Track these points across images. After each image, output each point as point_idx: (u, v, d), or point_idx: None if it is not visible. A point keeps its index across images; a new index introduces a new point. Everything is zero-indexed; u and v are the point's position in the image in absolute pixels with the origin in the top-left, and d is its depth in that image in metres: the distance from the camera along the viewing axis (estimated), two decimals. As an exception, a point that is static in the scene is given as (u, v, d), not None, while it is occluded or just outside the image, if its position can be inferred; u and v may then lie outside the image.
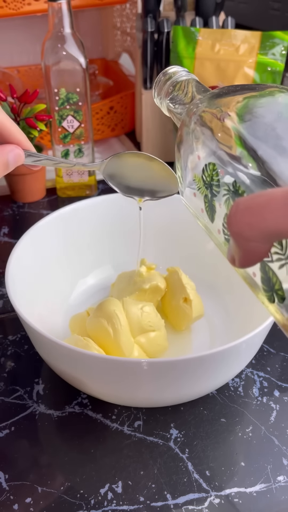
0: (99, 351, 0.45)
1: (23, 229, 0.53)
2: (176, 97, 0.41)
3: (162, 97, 0.43)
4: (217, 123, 0.33)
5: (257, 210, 0.23)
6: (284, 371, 0.51)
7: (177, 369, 0.41)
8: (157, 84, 0.43)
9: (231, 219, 0.24)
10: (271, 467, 0.43)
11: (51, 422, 0.46)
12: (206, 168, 0.34)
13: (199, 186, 0.35)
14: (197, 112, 0.36)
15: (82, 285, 0.60)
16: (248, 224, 0.23)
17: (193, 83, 0.41)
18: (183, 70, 0.42)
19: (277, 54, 0.71)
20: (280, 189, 0.23)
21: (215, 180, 0.33)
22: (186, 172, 0.37)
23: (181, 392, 0.44)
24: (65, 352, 0.42)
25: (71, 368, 0.44)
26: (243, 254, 0.25)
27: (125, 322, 0.48)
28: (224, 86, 0.36)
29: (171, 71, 0.43)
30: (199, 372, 0.42)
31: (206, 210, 0.35)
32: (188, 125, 0.37)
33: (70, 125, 0.72)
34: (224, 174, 0.32)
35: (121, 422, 0.46)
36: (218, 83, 0.73)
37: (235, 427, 0.46)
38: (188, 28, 0.74)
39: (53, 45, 0.67)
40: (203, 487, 0.41)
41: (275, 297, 0.28)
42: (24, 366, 0.52)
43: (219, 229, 0.35)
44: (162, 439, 0.45)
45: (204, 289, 0.56)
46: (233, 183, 0.31)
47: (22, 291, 0.48)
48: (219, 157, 0.32)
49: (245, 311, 0.53)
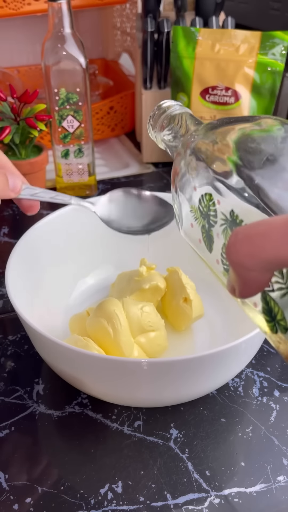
0: (99, 351, 0.45)
1: (23, 229, 0.53)
2: (171, 130, 0.42)
3: (157, 130, 0.43)
4: (212, 154, 0.33)
5: (256, 239, 0.23)
6: (284, 371, 0.51)
7: (177, 369, 0.41)
8: (151, 118, 0.44)
9: (230, 248, 0.24)
10: (271, 467, 0.43)
11: (51, 422, 0.46)
12: (202, 198, 0.34)
13: (196, 216, 0.35)
14: (193, 143, 0.36)
15: (82, 285, 0.60)
16: (248, 253, 0.23)
17: (187, 116, 0.41)
18: (176, 104, 0.43)
19: (277, 54, 0.71)
20: (279, 218, 0.23)
21: (212, 211, 0.33)
22: (183, 203, 0.37)
23: (181, 392, 0.44)
24: (65, 352, 0.42)
25: (71, 368, 0.44)
26: (243, 284, 0.25)
27: (125, 322, 0.48)
28: (219, 118, 0.37)
29: (165, 105, 0.43)
30: (199, 372, 0.42)
31: (204, 240, 0.35)
32: (184, 157, 0.37)
33: (70, 125, 0.72)
34: (221, 204, 0.32)
35: (121, 422, 0.46)
36: (218, 83, 0.73)
37: (235, 427, 0.46)
38: (188, 28, 0.74)
39: (53, 45, 0.67)
40: (203, 487, 0.41)
41: (277, 327, 0.27)
42: (24, 366, 0.52)
43: (217, 259, 0.34)
44: (162, 439, 0.45)
45: (204, 289, 0.56)
46: (230, 213, 0.31)
47: (22, 291, 0.48)
48: (215, 187, 0.32)
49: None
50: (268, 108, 0.74)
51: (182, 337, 0.54)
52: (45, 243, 0.55)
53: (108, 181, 0.84)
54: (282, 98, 0.95)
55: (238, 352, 0.43)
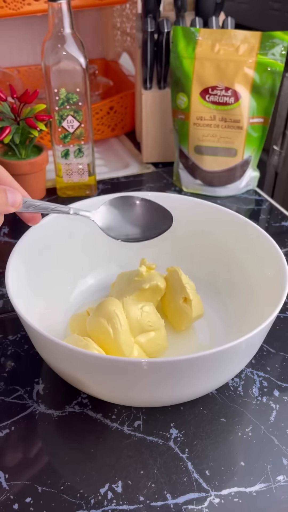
0: (99, 350, 0.45)
1: (23, 229, 0.53)
2: None
3: None
4: None
5: None
6: (284, 371, 0.51)
7: (177, 369, 0.41)
8: None
9: None
10: (270, 466, 0.43)
11: (51, 422, 0.46)
12: None
13: None
14: None
15: (82, 285, 0.60)
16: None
17: None
18: None
19: (277, 54, 0.71)
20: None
21: None
22: None
23: (180, 392, 0.44)
24: (64, 352, 0.42)
25: (70, 368, 0.44)
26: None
27: (125, 322, 0.48)
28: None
29: None
30: (199, 371, 0.42)
31: None
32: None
33: (70, 125, 0.72)
34: None
35: (121, 421, 0.46)
36: (218, 84, 0.73)
37: (235, 427, 0.46)
38: (188, 28, 0.74)
39: (53, 45, 0.67)
40: (203, 486, 0.41)
41: None
42: (24, 366, 0.52)
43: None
44: (162, 439, 0.45)
45: (204, 289, 0.56)
46: None
47: (22, 291, 0.48)
48: None
49: (245, 311, 0.53)
50: (267, 108, 0.74)
51: (182, 337, 0.54)
52: (45, 243, 0.55)
53: (108, 181, 0.84)
54: (282, 99, 0.95)
55: (238, 352, 0.43)
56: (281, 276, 0.47)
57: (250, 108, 0.74)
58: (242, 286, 0.55)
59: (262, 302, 0.49)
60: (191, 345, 0.54)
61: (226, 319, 0.55)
